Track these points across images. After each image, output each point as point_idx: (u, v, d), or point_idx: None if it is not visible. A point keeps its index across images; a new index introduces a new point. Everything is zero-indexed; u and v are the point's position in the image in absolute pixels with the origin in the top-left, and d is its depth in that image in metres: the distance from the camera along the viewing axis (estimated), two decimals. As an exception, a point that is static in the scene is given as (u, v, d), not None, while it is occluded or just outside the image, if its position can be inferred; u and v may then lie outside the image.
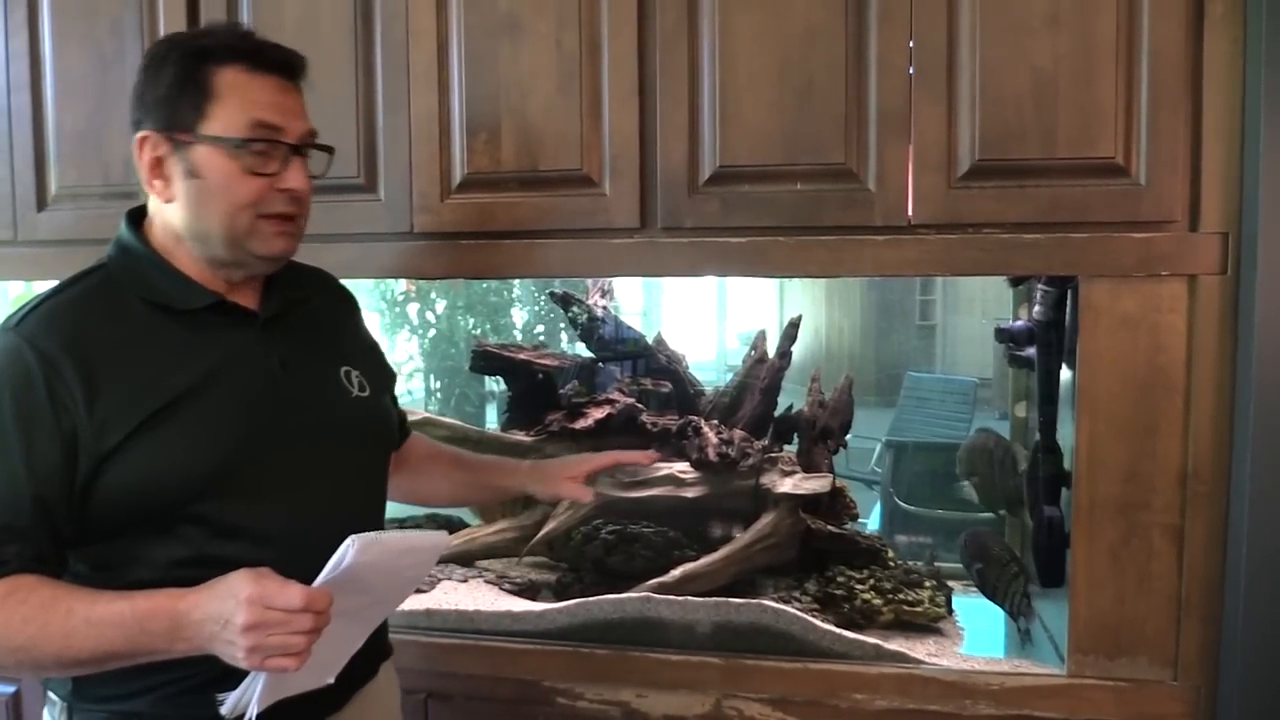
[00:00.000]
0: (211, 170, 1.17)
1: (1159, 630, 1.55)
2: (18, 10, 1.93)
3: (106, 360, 1.13)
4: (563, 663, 1.74)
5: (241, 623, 1.00)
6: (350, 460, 1.30)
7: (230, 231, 1.18)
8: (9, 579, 1.07)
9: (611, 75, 1.66)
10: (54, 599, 1.06)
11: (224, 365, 1.20)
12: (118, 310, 1.18)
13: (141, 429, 1.12)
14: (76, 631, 1.05)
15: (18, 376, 1.10)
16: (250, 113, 1.17)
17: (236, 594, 1.02)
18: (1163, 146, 1.49)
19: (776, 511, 1.88)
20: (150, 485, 1.12)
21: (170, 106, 1.18)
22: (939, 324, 6.99)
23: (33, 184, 1.95)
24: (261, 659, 1.02)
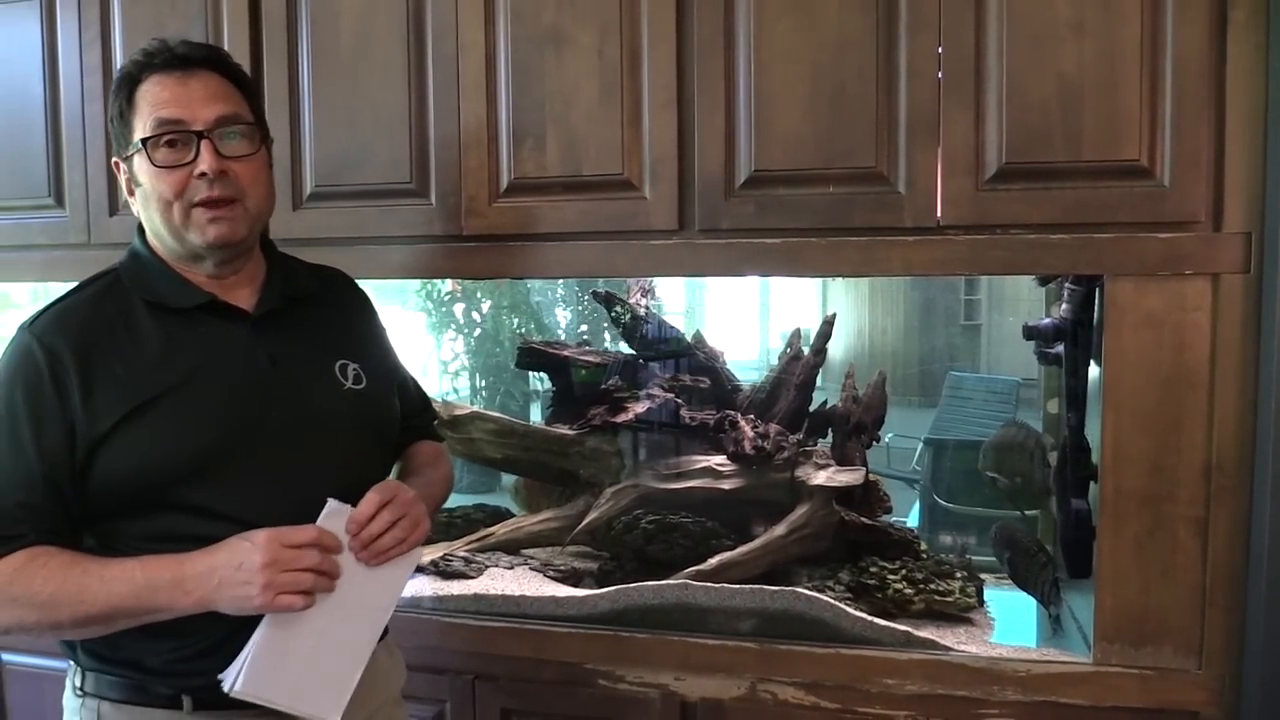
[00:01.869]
0: (142, 175, 1.27)
1: (1183, 620, 1.59)
2: (91, 26, 2.04)
3: (103, 355, 1.23)
4: (604, 646, 1.81)
5: (260, 560, 1.15)
6: (340, 449, 1.34)
7: (170, 226, 1.27)
8: (30, 549, 1.19)
9: (651, 84, 1.73)
10: (72, 561, 1.19)
11: (211, 361, 1.28)
12: (120, 310, 1.28)
13: (129, 419, 1.21)
14: (89, 588, 1.16)
15: (29, 370, 1.22)
16: (153, 113, 1.25)
17: (253, 539, 1.16)
18: (1186, 148, 1.52)
19: (811, 503, 1.94)
20: (136, 471, 1.21)
21: (117, 133, 1.31)
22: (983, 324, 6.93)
23: (105, 190, 2.06)
24: (274, 595, 1.15)
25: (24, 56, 2.09)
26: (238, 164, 1.27)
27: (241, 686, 1.18)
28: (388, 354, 1.53)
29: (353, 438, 1.37)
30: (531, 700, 1.86)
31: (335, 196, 1.90)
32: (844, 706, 1.71)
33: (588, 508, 2.07)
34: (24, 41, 2.09)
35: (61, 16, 2.06)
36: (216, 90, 1.28)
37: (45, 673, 2.15)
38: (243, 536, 1.17)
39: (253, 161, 1.30)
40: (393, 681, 1.48)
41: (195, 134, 1.25)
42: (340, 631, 1.23)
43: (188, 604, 1.17)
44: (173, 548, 1.21)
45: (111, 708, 1.29)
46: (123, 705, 1.28)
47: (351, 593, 1.24)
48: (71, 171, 2.07)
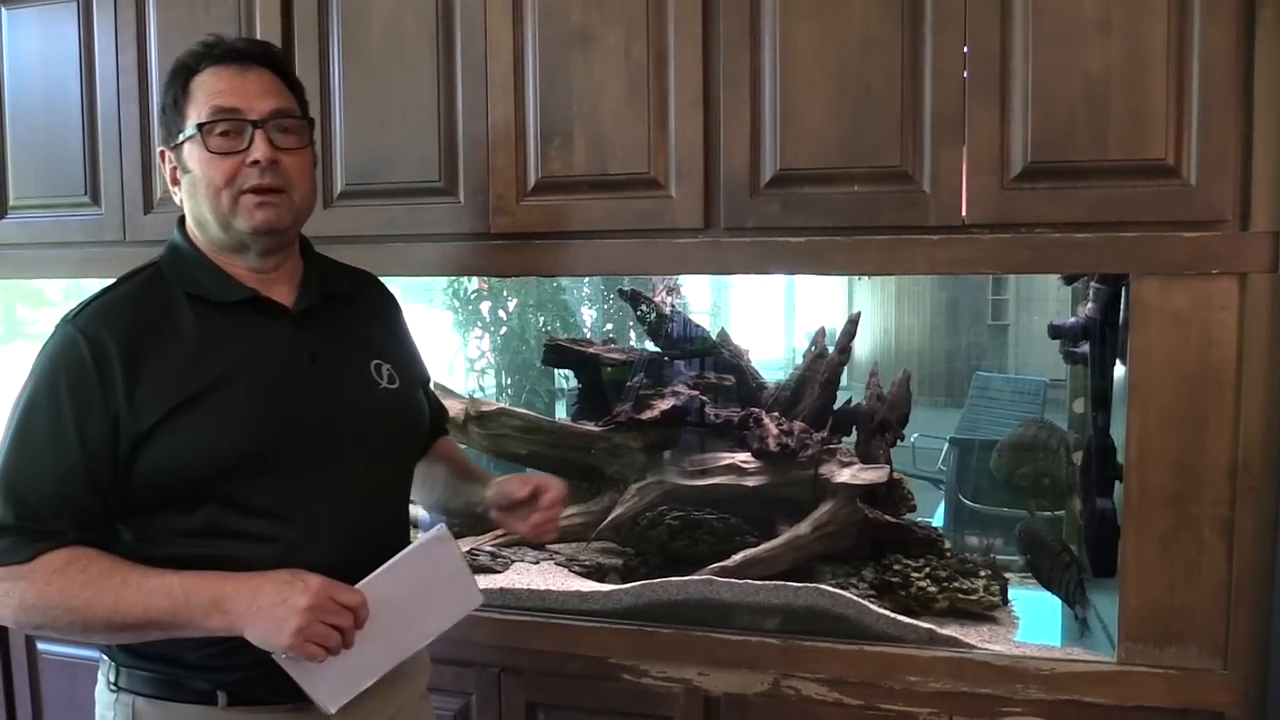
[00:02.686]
0: (192, 161, 1.30)
1: (1209, 620, 1.58)
2: (127, 27, 2.08)
3: (147, 349, 1.25)
4: (629, 641, 1.83)
5: (304, 603, 1.15)
6: (373, 448, 1.37)
7: (217, 213, 1.29)
8: (69, 549, 1.19)
9: (677, 83, 1.74)
10: (111, 569, 1.19)
11: (254, 356, 1.30)
12: (163, 304, 1.29)
13: (174, 413, 1.23)
14: (126, 599, 1.17)
15: (73, 364, 1.23)
16: (209, 101, 1.28)
17: (305, 579, 1.17)
18: (1213, 147, 1.52)
19: (835, 501, 1.94)
20: (180, 465, 1.23)
21: (167, 122, 1.33)
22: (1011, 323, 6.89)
23: (140, 188, 2.10)
24: (303, 640, 1.15)
25: (62, 57, 2.14)
26: (287, 156, 1.31)
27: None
28: (415, 355, 1.55)
29: (386, 436, 1.39)
30: (556, 694, 1.88)
31: (365, 195, 1.93)
32: (867, 703, 1.71)
33: (613, 504, 2.09)
34: (62, 42, 2.13)
35: (98, 17, 2.10)
36: (271, 85, 1.32)
37: (79, 662, 2.19)
38: (295, 575, 1.18)
39: (301, 155, 1.34)
40: (419, 677, 1.50)
41: (250, 123, 1.28)
42: (381, 645, 1.26)
43: (220, 624, 1.18)
44: (211, 543, 1.24)
45: (146, 703, 1.30)
46: (157, 700, 1.30)
47: (412, 617, 1.28)
48: (107, 170, 2.12)
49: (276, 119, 1.30)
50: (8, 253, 2.24)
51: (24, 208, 2.21)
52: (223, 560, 1.22)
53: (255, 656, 1.21)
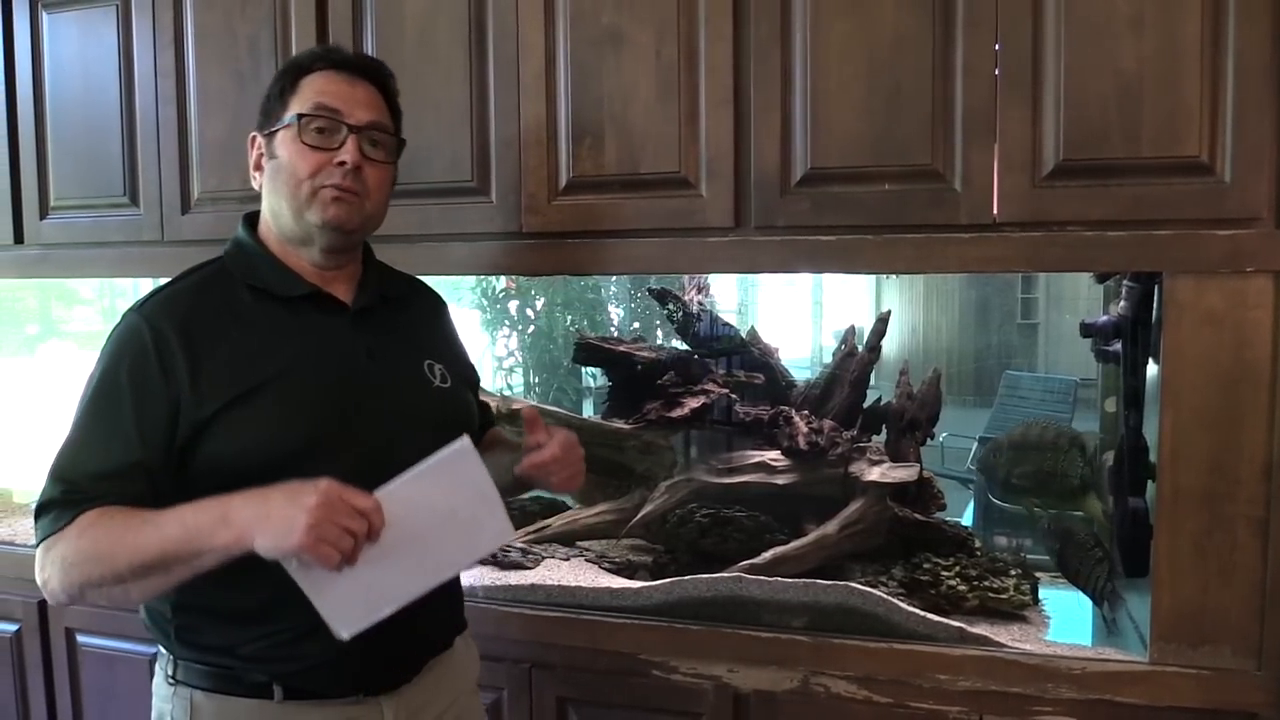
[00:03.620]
0: (282, 148, 1.34)
1: (1243, 620, 1.58)
2: (165, 32, 2.12)
3: (210, 340, 1.28)
4: (659, 637, 1.84)
5: (314, 501, 1.10)
6: (425, 444, 1.35)
7: (294, 201, 1.33)
8: (99, 509, 1.20)
9: (708, 83, 1.75)
10: (133, 513, 1.19)
11: (314, 350, 1.33)
12: (226, 296, 1.33)
13: (235, 403, 1.25)
14: (144, 534, 1.16)
15: (136, 351, 1.26)
16: (315, 98, 1.33)
17: (315, 482, 1.13)
18: (1248, 145, 1.51)
19: (864, 499, 1.95)
20: (239, 454, 1.25)
21: (268, 110, 1.38)
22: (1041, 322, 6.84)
23: (178, 189, 2.14)
24: (315, 539, 1.10)
25: (101, 60, 2.18)
26: (371, 166, 1.35)
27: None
28: (465, 357, 1.58)
29: (439, 433, 1.37)
30: (587, 689, 1.89)
31: (399, 195, 1.90)
32: (896, 701, 1.72)
33: (643, 501, 2.10)
34: (101, 45, 2.18)
35: (137, 21, 2.14)
36: (374, 100, 1.38)
37: (118, 654, 2.24)
38: (304, 481, 1.14)
39: (384, 169, 1.39)
40: (470, 671, 1.53)
41: (347, 126, 1.33)
42: (399, 567, 1.20)
43: (228, 538, 1.14)
44: None
45: (204, 696, 1.32)
46: (214, 694, 1.32)
47: (433, 541, 1.22)
48: (146, 171, 2.15)
49: (371, 130, 1.35)
50: (49, 252, 2.28)
51: (64, 208, 2.26)
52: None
53: (310, 649, 1.23)
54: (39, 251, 2.29)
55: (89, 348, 3.46)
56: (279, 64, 2.01)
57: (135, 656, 2.21)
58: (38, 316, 3.63)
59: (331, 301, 1.37)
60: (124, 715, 2.26)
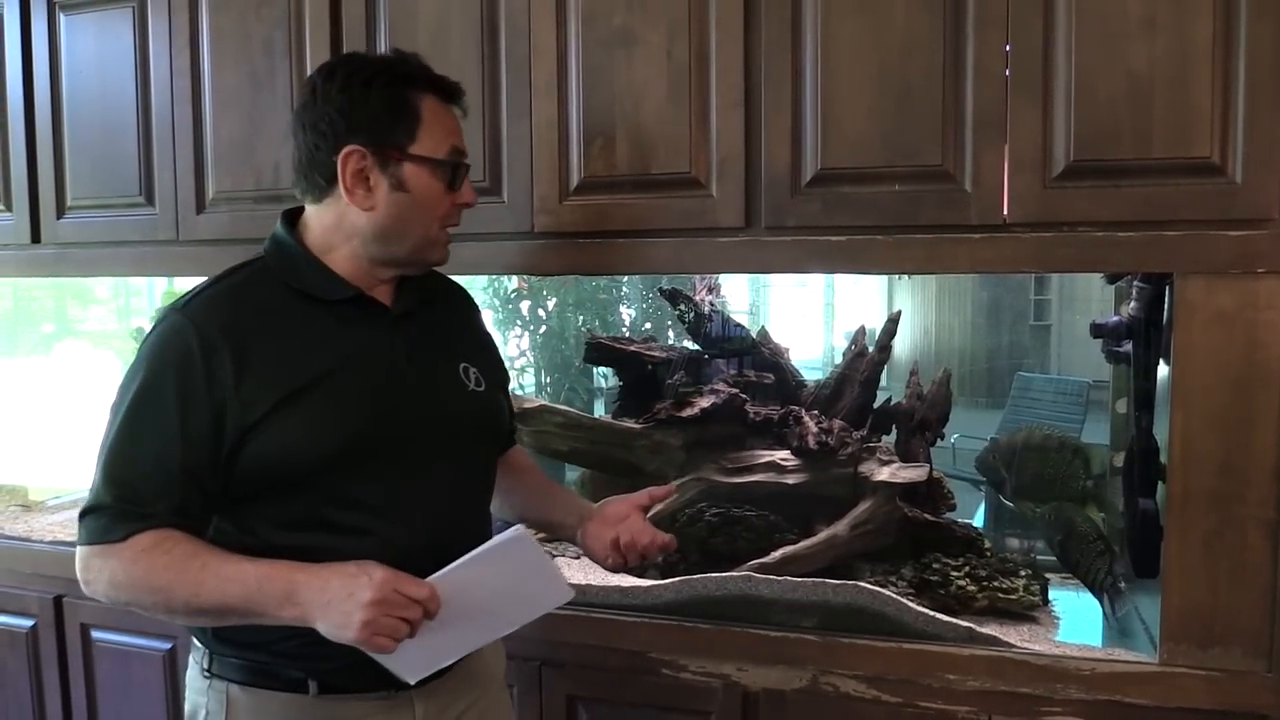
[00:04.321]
0: (418, 186, 1.33)
1: (1253, 621, 1.57)
2: (180, 32, 2.14)
3: (256, 343, 1.28)
4: (668, 636, 1.85)
5: (369, 598, 1.16)
6: (462, 448, 1.42)
7: (424, 239, 1.36)
8: (157, 530, 1.22)
9: (719, 84, 1.76)
10: (194, 553, 1.22)
11: (357, 353, 1.34)
12: (270, 298, 1.33)
13: (281, 406, 1.26)
14: (205, 583, 1.20)
15: (181, 354, 1.25)
16: (449, 139, 1.35)
17: (370, 573, 1.18)
18: (1259, 145, 1.51)
19: (874, 499, 1.95)
20: (285, 456, 1.26)
21: (383, 125, 1.31)
22: (1053, 324, 6.82)
23: (193, 189, 2.15)
24: (370, 634, 1.16)
25: (117, 61, 2.20)
26: None
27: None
28: (497, 360, 1.59)
29: (474, 436, 1.44)
30: (597, 687, 1.90)
31: (411, 195, 1.96)
32: (905, 700, 1.72)
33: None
34: (117, 46, 2.20)
35: (153, 22, 2.15)
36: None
37: (133, 649, 2.26)
38: (361, 568, 1.19)
39: None
40: (496, 667, 1.56)
41: (466, 167, 1.39)
42: (458, 632, 1.28)
43: (292, 615, 1.20)
44: (307, 534, 1.28)
45: (240, 690, 1.33)
46: (251, 688, 1.33)
47: (491, 609, 1.30)
48: (161, 171, 2.17)
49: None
50: (65, 251, 2.30)
51: (81, 208, 2.28)
52: (317, 551, 1.25)
53: (345, 648, 1.23)
54: (56, 251, 2.31)
55: (104, 347, 3.49)
56: (293, 64, 2.03)
57: (150, 652, 2.23)
58: (53, 316, 3.66)
59: (373, 304, 1.38)
60: (138, 710, 2.28)
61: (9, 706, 2.42)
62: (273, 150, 2.06)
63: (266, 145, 2.07)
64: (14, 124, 2.31)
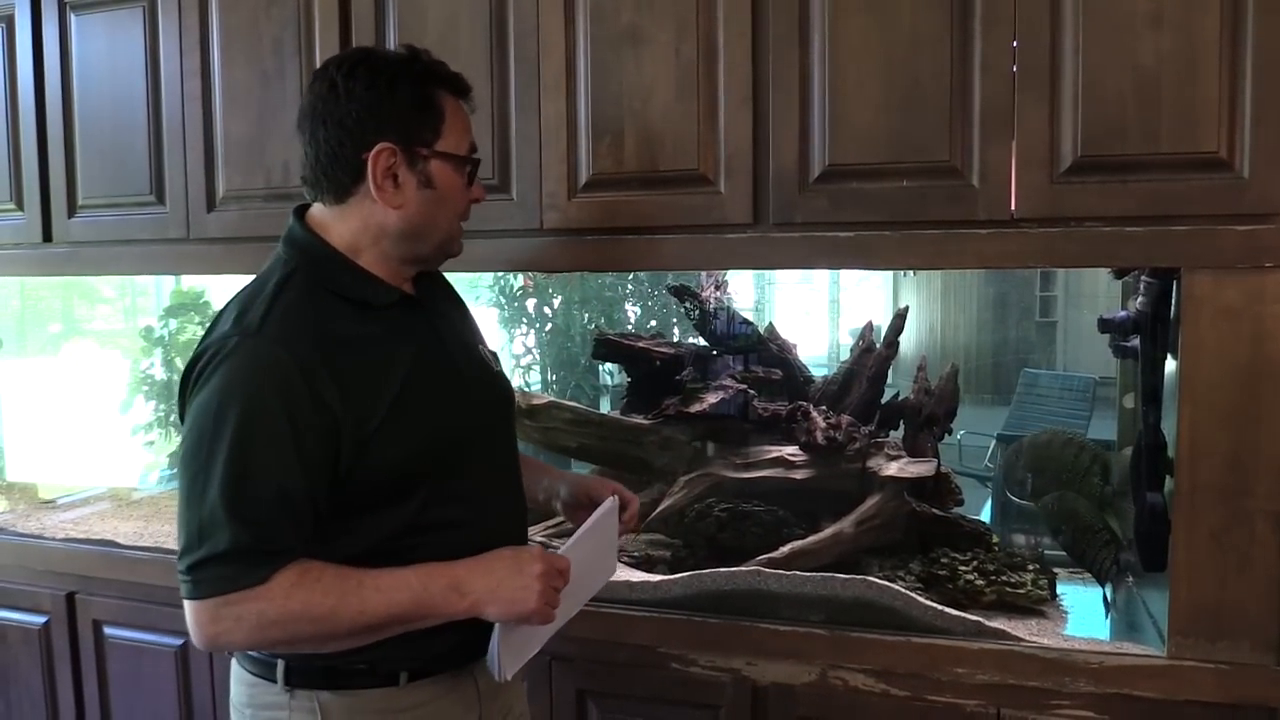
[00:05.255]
0: (444, 182, 1.34)
1: (1261, 615, 1.58)
2: (191, 32, 2.14)
3: (345, 356, 1.25)
4: (677, 631, 1.85)
5: (539, 570, 1.25)
6: (506, 427, 1.49)
7: (448, 234, 1.39)
8: (298, 564, 1.19)
9: (727, 80, 1.76)
10: (343, 574, 1.22)
11: (421, 349, 1.35)
12: (330, 310, 1.29)
13: (390, 413, 1.26)
14: (369, 599, 1.21)
15: (281, 380, 1.20)
16: (467, 135, 1.38)
17: (529, 551, 1.29)
18: (1267, 140, 1.51)
19: (882, 494, 1.96)
20: (403, 462, 1.28)
21: (411, 123, 1.31)
22: (1059, 320, 6.83)
23: (203, 187, 2.16)
24: (544, 604, 1.25)
25: (128, 60, 2.21)
26: None
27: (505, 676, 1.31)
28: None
29: (509, 415, 1.51)
30: (606, 681, 1.91)
31: (420, 192, 1.97)
32: (914, 694, 1.73)
33: (661, 496, 2.11)
34: (128, 46, 2.21)
35: (163, 22, 2.16)
36: None
37: (145, 646, 2.28)
38: (516, 550, 1.29)
39: None
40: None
41: (478, 163, 1.41)
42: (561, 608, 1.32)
43: (462, 607, 1.24)
44: (414, 538, 1.29)
45: (332, 696, 1.31)
46: (342, 691, 1.31)
47: (579, 584, 1.35)
48: (172, 170, 2.18)
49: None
50: (77, 250, 2.31)
51: (91, 207, 2.29)
52: (420, 550, 1.27)
53: (437, 632, 1.27)
54: (67, 249, 2.32)
55: (111, 346, 3.51)
56: (303, 63, 2.04)
57: (162, 648, 2.24)
58: (60, 315, 3.68)
59: (410, 302, 1.39)
60: (151, 705, 2.29)
61: (22, 703, 2.43)
62: (283, 149, 2.07)
63: (276, 144, 2.08)
64: (25, 123, 2.32)
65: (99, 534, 2.38)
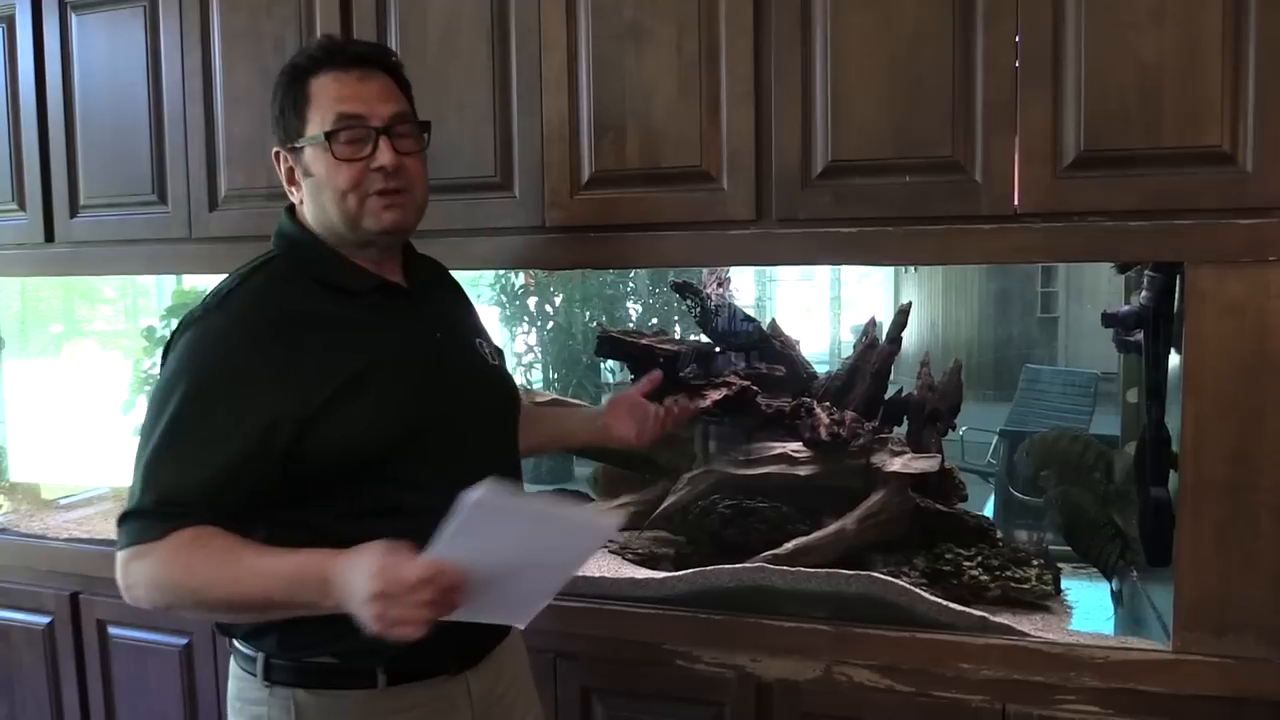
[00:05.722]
0: (316, 166, 1.34)
1: (1265, 609, 1.57)
2: (192, 31, 2.15)
3: (304, 335, 1.29)
4: (682, 627, 1.85)
5: (367, 593, 1.08)
6: (494, 419, 1.46)
7: (344, 215, 1.34)
8: (196, 527, 1.21)
9: (729, 77, 1.76)
10: (229, 549, 1.21)
11: (395, 336, 1.36)
12: (303, 292, 1.34)
13: (338, 395, 1.27)
14: (245, 579, 1.19)
15: (225, 353, 1.25)
16: (334, 108, 1.32)
17: (368, 567, 1.10)
18: (1270, 134, 1.51)
19: (886, 490, 1.95)
20: (348, 444, 1.28)
21: (284, 123, 1.36)
22: (1061, 316, 6.81)
23: (205, 187, 2.17)
24: (386, 627, 1.09)
25: (129, 60, 2.21)
26: (408, 159, 1.36)
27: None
28: (488, 336, 1.61)
29: (503, 406, 1.48)
30: (611, 678, 1.91)
31: (423, 190, 1.97)
32: (919, 689, 1.73)
33: (665, 493, 2.11)
34: (129, 46, 2.21)
35: (164, 21, 2.16)
36: (390, 90, 1.37)
37: (149, 646, 2.28)
38: (364, 558, 1.11)
39: (419, 158, 1.39)
40: (523, 657, 1.58)
41: (374, 130, 1.32)
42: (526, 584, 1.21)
43: (329, 605, 1.15)
44: (376, 523, 1.23)
45: (308, 694, 1.31)
46: (317, 691, 1.31)
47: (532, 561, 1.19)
48: (174, 170, 2.18)
49: (397, 124, 1.35)
50: (79, 250, 2.32)
51: (93, 207, 2.29)
52: (379, 535, 1.20)
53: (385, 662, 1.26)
54: (70, 250, 2.32)
55: (112, 347, 3.51)
56: (303, 62, 2.03)
57: (166, 648, 2.25)
58: (61, 316, 3.68)
59: (395, 287, 1.40)
60: (155, 705, 2.29)
61: (27, 703, 2.44)
62: (284, 148, 2.06)
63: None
64: (26, 124, 2.32)
65: (102, 534, 2.38)
